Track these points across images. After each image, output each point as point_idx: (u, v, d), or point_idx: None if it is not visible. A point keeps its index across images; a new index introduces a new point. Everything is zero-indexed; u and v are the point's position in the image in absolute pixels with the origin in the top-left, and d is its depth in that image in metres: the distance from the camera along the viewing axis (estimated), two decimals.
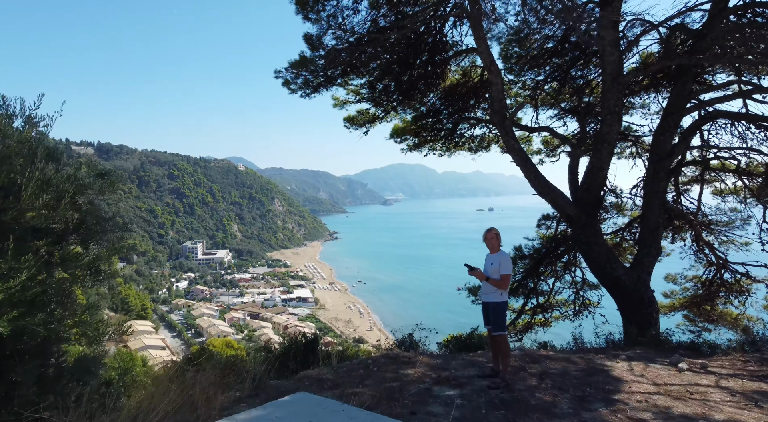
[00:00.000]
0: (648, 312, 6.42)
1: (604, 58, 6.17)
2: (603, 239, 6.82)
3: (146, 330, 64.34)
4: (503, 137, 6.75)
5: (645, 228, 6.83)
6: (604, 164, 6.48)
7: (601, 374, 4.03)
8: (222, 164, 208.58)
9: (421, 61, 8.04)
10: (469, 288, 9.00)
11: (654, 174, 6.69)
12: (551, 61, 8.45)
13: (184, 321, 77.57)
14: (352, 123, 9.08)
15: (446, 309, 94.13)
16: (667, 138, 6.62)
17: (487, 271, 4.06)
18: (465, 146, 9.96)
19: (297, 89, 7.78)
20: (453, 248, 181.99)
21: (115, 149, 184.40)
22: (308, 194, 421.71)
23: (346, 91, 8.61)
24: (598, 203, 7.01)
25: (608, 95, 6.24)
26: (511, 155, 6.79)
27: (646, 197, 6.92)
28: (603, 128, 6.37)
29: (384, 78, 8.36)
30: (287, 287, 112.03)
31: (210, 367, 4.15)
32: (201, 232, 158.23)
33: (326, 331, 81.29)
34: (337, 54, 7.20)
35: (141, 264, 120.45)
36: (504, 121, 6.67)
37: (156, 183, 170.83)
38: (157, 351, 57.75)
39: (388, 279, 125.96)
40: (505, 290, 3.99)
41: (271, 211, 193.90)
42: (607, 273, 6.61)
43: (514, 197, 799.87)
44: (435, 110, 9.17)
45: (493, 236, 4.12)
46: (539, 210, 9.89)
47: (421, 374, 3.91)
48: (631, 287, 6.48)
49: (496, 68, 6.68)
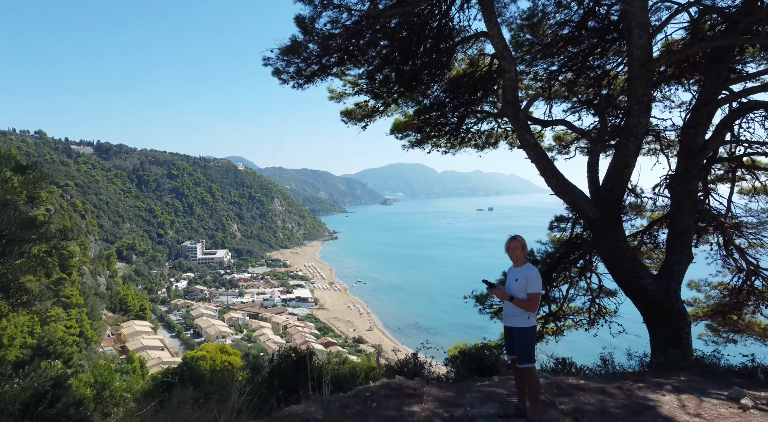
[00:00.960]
0: (679, 326, 5.75)
1: (632, 42, 5.49)
2: (627, 244, 6.14)
3: (145, 331, 63.74)
4: (517, 131, 6.06)
5: (674, 232, 6.15)
6: (630, 161, 5.80)
7: (647, 412, 3.35)
8: (221, 164, 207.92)
9: (425, 48, 7.35)
10: (477, 296, 8.32)
11: (685, 172, 6.02)
12: (566, 50, 7.76)
13: (182, 321, 76.96)
14: (349, 117, 8.38)
15: (446, 309, 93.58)
16: (699, 132, 5.94)
17: (510, 288, 3.36)
18: (471, 143, 9.26)
19: (289, 79, 7.08)
20: (453, 248, 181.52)
21: (114, 148, 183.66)
22: (308, 193, 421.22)
23: (343, 82, 7.92)
24: (622, 203, 6.33)
25: (636, 83, 5.56)
26: (525, 150, 6.10)
27: (675, 198, 6.24)
28: (630, 121, 5.69)
29: (384, 67, 7.66)
30: (287, 287, 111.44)
31: (180, 403, 3.49)
32: (200, 232, 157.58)
33: (326, 331, 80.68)
34: (333, 39, 6.51)
35: (140, 264, 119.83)
36: (518, 113, 5.98)
37: (155, 183, 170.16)
38: (155, 352, 57.22)
39: (388, 279, 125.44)
40: (534, 312, 3.29)
41: (270, 210, 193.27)
42: (632, 282, 5.93)
43: (514, 197, 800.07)
44: (439, 103, 8.46)
45: (518, 245, 3.42)
46: (539, 210, 9.25)
47: (429, 412, 3.24)
48: (659, 298, 5.80)
49: (510, 54, 5.99)
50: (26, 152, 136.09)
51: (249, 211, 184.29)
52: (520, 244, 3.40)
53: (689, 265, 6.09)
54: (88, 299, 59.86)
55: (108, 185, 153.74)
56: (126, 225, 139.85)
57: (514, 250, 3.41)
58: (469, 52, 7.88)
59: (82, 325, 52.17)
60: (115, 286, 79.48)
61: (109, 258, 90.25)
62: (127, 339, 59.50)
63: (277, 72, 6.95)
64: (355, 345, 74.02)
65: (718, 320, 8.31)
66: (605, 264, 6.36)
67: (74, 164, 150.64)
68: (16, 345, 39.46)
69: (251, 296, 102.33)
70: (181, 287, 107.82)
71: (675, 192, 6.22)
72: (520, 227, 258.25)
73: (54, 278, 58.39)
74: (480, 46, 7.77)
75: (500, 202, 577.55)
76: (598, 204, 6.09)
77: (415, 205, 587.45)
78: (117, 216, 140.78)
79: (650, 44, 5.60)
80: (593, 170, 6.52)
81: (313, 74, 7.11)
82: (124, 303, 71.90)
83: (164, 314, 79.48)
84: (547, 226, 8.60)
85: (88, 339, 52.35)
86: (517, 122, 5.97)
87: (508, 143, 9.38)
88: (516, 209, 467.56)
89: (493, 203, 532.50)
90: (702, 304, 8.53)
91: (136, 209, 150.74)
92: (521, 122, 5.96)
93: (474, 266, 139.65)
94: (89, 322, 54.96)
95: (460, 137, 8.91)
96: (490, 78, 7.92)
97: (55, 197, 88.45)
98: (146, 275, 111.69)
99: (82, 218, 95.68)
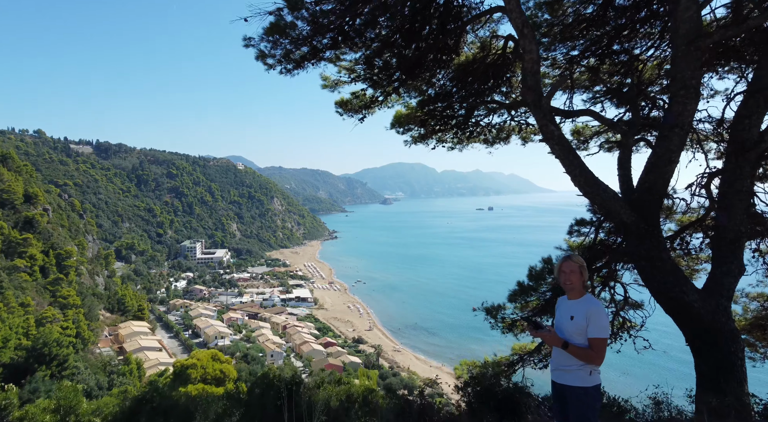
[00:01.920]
0: (730, 351, 4.88)
1: (678, 15, 4.61)
2: (668, 254, 5.27)
3: (142, 331, 62.95)
4: (539, 121, 5.18)
5: (721, 240, 5.28)
6: (674, 156, 4.92)
7: None
8: (221, 163, 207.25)
9: (430, 29, 6.46)
10: (487, 308, 7.45)
11: (735, 169, 5.15)
12: (589, 32, 6.87)
13: (181, 322, 76.20)
14: (345, 109, 7.49)
15: (446, 310, 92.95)
16: (754, 123, 5.06)
17: (563, 330, 2.42)
18: (480, 138, 8.38)
19: (275, 64, 6.19)
20: (453, 248, 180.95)
21: (113, 147, 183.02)
22: (308, 193, 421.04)
23: (338, 68, 7.02)
24: (661, 206, 5.45)
25: (682, 64, 4.69)
26: (549, 143, 5.22)
27: (723, 200, 5.36)
28: (674, 108, 4.81)
29: (384, 52, 6.77)
30: (286, 286, 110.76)
31: None
32: (200, 231, 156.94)
33: (325, 331, 79.95)
34: (325, 16, 5.64)
35: (139, 264, 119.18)
36: (540, 100, 5.10)
37: (155, 182, 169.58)
38: (153, 353, 56.44)
39: (388, 279, 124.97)
40: (598, 365, 2.37)
41: (270, 210, 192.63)
42: (675, 298, 5.06)
43: (513, 196, 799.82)
44: (445, 92, 7.58)
45: (574, 268, 2.47)
46: (539, 210, 8.41)
47: None
48: (708, 317, 4.93)
49: (531, 31, 5.11)
50: (25, 151, 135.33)
51: (248, 210, 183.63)
52: (578, 267, 2.47)
53: (740, 278, 5.23)
54: (85, 300, 59.06)
55: (107, 184, 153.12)
56: (125, 225, 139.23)
57: (569, 275, 2.49)
58: (480, 33, 6.99)
59: (79, 326, 51.36)
60: (114, 286, 78.70)
61: (108, 258, 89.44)
62: (124, 340, 58.77)
63: (261, 55, 6.06)
64: (355, 345, 73.30)
65: (756, 334, 7.46)
66: (642, 276, 5.49)
67: (73, 164, 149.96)
68: (11, 346, 38.65)
69: (250, 296, 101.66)
70: (180, 286, 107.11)
71: (724, 193, 5.34)
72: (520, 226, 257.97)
73: (51, 278, 57.66)
74: (492, 28, 6.88)
75: (500, 201, 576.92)
76: (634, 206, 5.21)
77: (415, 204, 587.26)
78: (116, 216, 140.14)
79: (699, 17, 4.72)
80: (625, 167, 5.65)
81: (303, 58, 6.23)
82: (122, 303, 71.10)
83: (162, 315, 78.71)
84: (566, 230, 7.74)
85: (85, 340, 51.57)
86: (539, 111, 5.09)
87: (521, 138, 8.50)
88: (516, 208, 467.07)
89: (493, 202, 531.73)
90: (739, 316, 7.67)
91: (136, 209, 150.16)
92: (544, 110, 5.08)
93: (474, 266, 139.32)
94: (86, 323, 54.15)
95: (468, 131, 8.03)
96: (503, 64, 7.04)
97: (53, 196, 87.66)
98: (145, 274, 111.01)
99: (80, 217, 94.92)
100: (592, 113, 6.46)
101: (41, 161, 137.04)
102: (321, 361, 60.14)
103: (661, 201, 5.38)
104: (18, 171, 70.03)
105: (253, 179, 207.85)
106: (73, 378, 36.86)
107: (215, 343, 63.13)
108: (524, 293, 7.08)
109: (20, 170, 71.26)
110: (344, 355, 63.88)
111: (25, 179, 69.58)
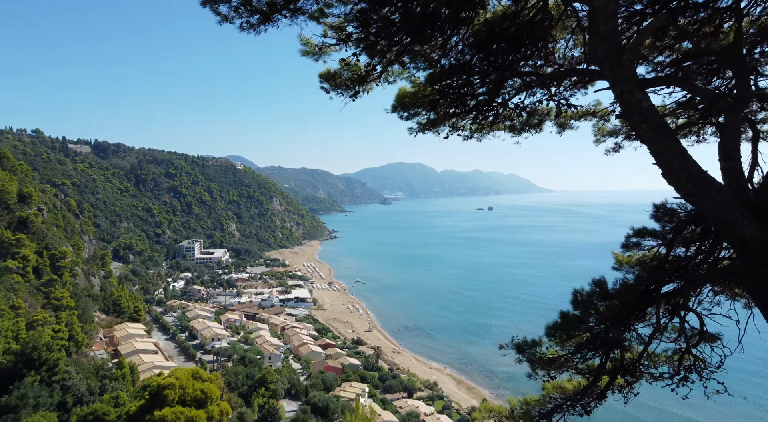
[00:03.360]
0: None
1: None
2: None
3: (138, 333, 61.23)
4: (619, 87, 3.40)
5: None
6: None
7: None
8: (220, 163, 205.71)
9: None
10: (517, 345, 5.71)
11: None
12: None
13: (178, 323, 74.53)
14: (333, 84, 5.70)
15: (445, 310, 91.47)
16: None
17: None
18: (505, 124, 6.62)
19: (232, 14, 4.45)
20: (452, 248, 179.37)
21: (112, 147, 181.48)
22: (307, 192, 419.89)
23: (323, 28, 5.27)
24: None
25: None
26: (632, 121, 3.44)
27: None
28: None
29: (383, 5, 5.04)
30: (285, 287, 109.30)
31: None
32: (198, 231, 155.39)
33: (324, 332, 78.42)
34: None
35: (137, 264, 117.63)
36: (620, 54, 3.34)
37: (153, 182, 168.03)
38: (148, 356, 54.74)
39: (388, 279, 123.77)
40: None
41: (269, 210, 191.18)
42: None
43: (513, 196, 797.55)
44: (463, 63, 5.82)
45: None
46: (538, 209, 6.69)
47: None
48: None
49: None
50: (23, 150, 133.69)
51: (248, 210, 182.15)
52: None
53: None
54: (79, 301, 57.35)
55: (105, 184, 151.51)
56: (123, 225, 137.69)
57: None
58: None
59: (73, 328, 49.69)
60: (110, 287, 77.03)
61: (104, 258, 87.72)
62: (119, 342, 57.08)
63: (211, 1, 4.32)
64: (354, 346, 71.74)
65: None
66: (760, 308, 3.75)
67: (71, 163, 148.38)
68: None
69: (249, 296, 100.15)
70: (179, 287, 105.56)
71: None
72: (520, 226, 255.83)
73: (44, 279, 55.98)
74: None
75: (499, 201, 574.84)
76: (758, 215, 3.48)
77: (415, 204, 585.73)
78: (114, 215, 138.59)
79: None
80: (732, 157, 3.86)
81: (271, 7, 4.48)
82: (117, 305, 69.41)
83: (159, 316, 77.00)
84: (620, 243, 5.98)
85: (78, 343, 49.90)
86: (621, 71, 3.32)
87: (558, 125, 6.73)
88: (515, 208, 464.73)
89: (493, 202, 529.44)
90: None
91: (134, 209, 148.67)
92: (628, 70, 3.32)
93: (473, 266, 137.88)
94: (80, 325, 52.47)
95: (491, 115, 6.27)
96: (542, 23, 5.29)
97: (48, 196, 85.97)
98: (143, 275, 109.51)
99: (77, 217, 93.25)
100: (681, 81, 4.66)
101: (39, 161, 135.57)
102: (320, 363, 58.48)
103: None
104: (13, 170, 68.41)
105: (253, 179, 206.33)
106: (63, 384, 35.21)
107: (212, 345, 61.56)
108: (568, 328, 5.34)
109: (15, 170, 69.63)
110: (343, 357, 62.29)
111: (20, 178, 67.98)
